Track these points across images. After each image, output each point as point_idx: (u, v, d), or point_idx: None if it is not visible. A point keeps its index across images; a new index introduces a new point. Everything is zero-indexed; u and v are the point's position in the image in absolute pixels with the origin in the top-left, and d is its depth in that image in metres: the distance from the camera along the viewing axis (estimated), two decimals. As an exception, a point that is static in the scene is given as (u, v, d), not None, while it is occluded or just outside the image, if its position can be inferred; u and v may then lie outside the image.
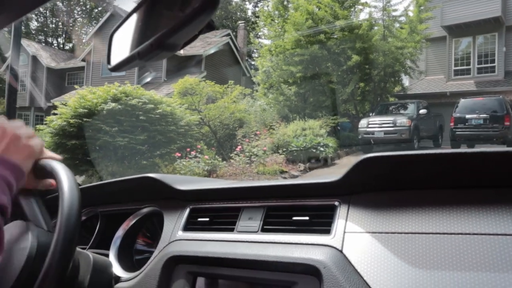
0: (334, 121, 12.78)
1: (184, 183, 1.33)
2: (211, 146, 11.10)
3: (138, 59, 0.60)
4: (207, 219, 1.20)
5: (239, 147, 10.16)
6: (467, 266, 0.74)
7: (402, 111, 13.12)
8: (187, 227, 1.23)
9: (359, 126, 12.64)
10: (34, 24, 32.95)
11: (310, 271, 0.88)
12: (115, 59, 0.69)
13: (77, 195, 0.89)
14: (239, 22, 25.32)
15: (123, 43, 0.67)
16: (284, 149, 9.98)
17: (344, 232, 0.91)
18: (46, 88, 22.57)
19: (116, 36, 0.72)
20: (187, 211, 1.27)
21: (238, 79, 19.95)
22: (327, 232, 0.94)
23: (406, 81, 17.21)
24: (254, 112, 13.43)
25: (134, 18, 0.66)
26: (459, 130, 12.00)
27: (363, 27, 13.40)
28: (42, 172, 0.95)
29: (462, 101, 12.61)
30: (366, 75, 14.36)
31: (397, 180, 0.94)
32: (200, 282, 1.08)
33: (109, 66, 0.70)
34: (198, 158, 9.16)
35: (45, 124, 10.31)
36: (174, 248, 1.15)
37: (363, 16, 16.85)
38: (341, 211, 0.96)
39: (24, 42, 23.45)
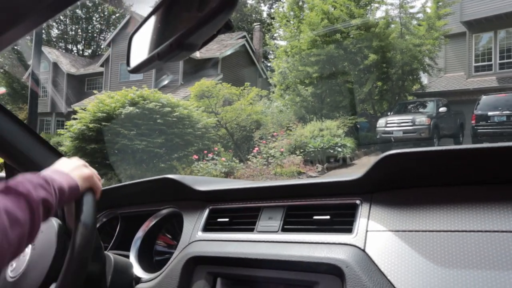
0: (352, 121, 12.64)
1: (203, 183, 1.33)
2: (228, 148, 11.12)
3: (158, 59, 0.60)
4: (227, 219, 1.19)
5: (256, 148, 10.15)
6: (494, 264, 0.72)
7: (421, 110, 12.89)
8: (206, 228, 1.23)
9: (377, 125, 12.46)
10: (54, 32, 33.64)
11: (332, 270, 0.86)
12: (135, 61, 0.69)
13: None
14: (255, 24, 25.33)
15: (142, 45, 0.67)
16: (302, 150, 9.92)
17: (366, 230, 0.90)
18: (66, 93, 22.98)
19: (135, 38, 0.73)
20: (207, 211, 1.27)
21: (255, 81, 19.94)
22: (349, 231, 0.93)
23: (424, 79, 16.91)
24: (270, 113, 13.41)
25: (152, 20, 0.66)
26: (481, 127, 11.72)
27: (379, 25, 13.19)
28: None
29: (484, 98, 12.32)
30: (383, 74, 14.11)
31: (420, 177, 0.92)
32: (221, 282, 1.07)
33: (129, 68, 0.70)
34: (215, 160, 9.19)
35: (66, 128, 10.51)
36: (194, 249, 1.15)
37: (379, 14, 16.64)
38: (363, 209, 0.95)
39: (46, 49, 23.96)
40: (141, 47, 0.68)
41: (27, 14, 0.59)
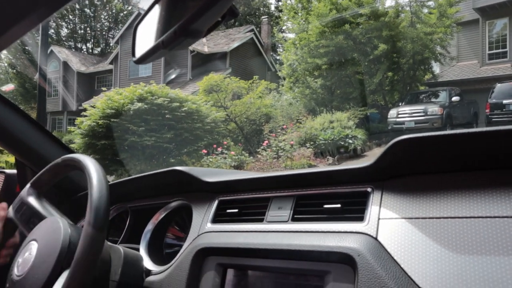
0: (362, 112, 12.58)
1: (211, 175, 1.32)
2: (238, 142, 11.15)
3: (163, 48, 0.59)
4: (236, 210, 1.18)
5: (266, 142, 10.15)
6: (510, 249, 0.70)
7: (433, 99, 12.78)
8: (216, 219, 1.22)
9: (389, 116, 12.42)
10: (64, 31, 34.01)
11: (344, 259, 0.84)
12: (140, 51, 0.68)
13: (106, 189, 0.90)
14: (263, 17, 25.25)
15: (147, 34, 0.67)
16: (312, 143, 9.90)
17: (378, 218, 0.88)
18: (77, 92, 23.27)
19: (140, 29, 0.72)
20: (216, 203, 1.26)
21: (263, 74, 19.92)
22: (361, 219, 0.91)
23: (436, 68, 16.70)
24: (280, 106, 13.42)
25: (156, 9, 0.66)
26: (496, 116, 11.54)
27: (389, 14, 13.06)
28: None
29: (499, 86, 12.11)
30: (394, 64, 13.93)
31: (432, 162, 0.90)
32: (230, 273, 1.06)
33: (134, 59, 0.70)
34: (225, 154, 9.21)
35: (76, 125, 10.62)
36: (203, 240, 1.14)
37: (388, 3, 16.46)
38: (375, 197, 0.93)
39: (55, 48, 24.34)
40: (146, 36, 0.67)
41: (29, 10, 0.59)
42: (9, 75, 29.06)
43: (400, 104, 13.33)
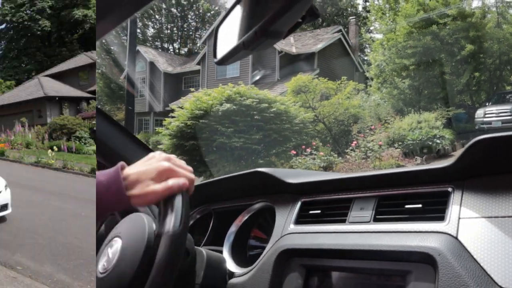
0: (450, 112, 12.25)
1: (294, 176, 1.33)
2: (326, 142, 11.08)
3: (244, 49, 0.60)
4: (319, 211, 1.19)
5: (354, 142, 10.02)
6: None
7: (520, 99, 12.06)
8: (298, 220, 1.22)
9: (476, 116, 12.21)
10: (150, 31, 34.05)
11: (425, 259, 0.84)
12: (221, 52, 0.70)
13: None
14: (350, 18, 24.67)
15: (228, 35, 0.68)
16: (400, 143, 9.76)
17: (459, 218, 0.87)
18: (163, 92, 22.92)
19: (221, 30, 0.74)
20: (299, 204, 1.26)
21: (351, 74, 19.37)
22: (441, 219, 0.90)
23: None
24: (368, 107, 13.29)
25: (237, 10, 0.67)
26: None
27: (476, 15, 12.78)
28: None
29: None
30: (481, 64, 13.63)
31: None
32: (313, 274, 1.07)
33: (216, 60, 0.72)
34: (314, 155, 9.17)
35: (164, 126, 10.94)
36: (286, 242, 1.16)
37: (475, 3, 15.56)
38: (455, 197, 0.92)
39: (142, 49, 23.95)
40: (227, 37, 0.68)
41: (111, 8, 0.63)
42: (94, 75, 29.82)
43: (487, 104, 13.04)
